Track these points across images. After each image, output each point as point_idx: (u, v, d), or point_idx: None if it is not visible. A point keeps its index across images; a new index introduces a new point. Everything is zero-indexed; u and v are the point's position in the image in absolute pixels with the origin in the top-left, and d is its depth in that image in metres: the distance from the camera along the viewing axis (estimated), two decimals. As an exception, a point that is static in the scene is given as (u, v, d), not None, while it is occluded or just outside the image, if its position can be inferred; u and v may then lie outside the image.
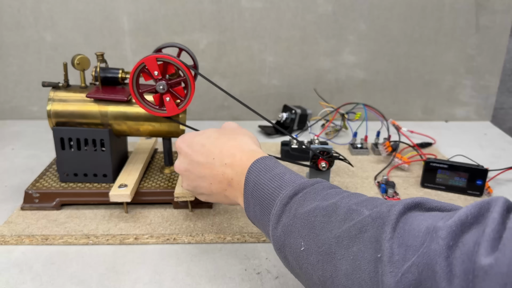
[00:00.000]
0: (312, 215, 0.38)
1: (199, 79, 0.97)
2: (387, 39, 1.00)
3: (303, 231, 0.38)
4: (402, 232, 0.31)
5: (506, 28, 1.00)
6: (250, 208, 0.45)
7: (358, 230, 0.34)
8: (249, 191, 0.45)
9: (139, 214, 0.63)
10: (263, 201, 0.43)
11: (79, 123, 0.63)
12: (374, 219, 0.33)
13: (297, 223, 0.39)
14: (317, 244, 0.36)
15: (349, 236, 0.34)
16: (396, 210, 0.33)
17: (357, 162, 0.82)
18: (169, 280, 0.51)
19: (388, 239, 0.31)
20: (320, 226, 0.37)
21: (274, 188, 0.43)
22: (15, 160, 0.81)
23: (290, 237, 0.39)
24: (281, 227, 0.40)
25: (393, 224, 0.32)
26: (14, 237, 0.57)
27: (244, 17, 0.96)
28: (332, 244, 0.35)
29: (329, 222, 0.36)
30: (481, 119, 1.10)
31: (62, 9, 0.93)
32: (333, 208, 0.37)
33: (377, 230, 0.32)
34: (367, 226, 0.33)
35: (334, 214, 0.37)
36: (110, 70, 0.64)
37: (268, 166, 0.45)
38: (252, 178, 0.45)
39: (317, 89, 1.03)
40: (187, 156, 0.51)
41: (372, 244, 0.32)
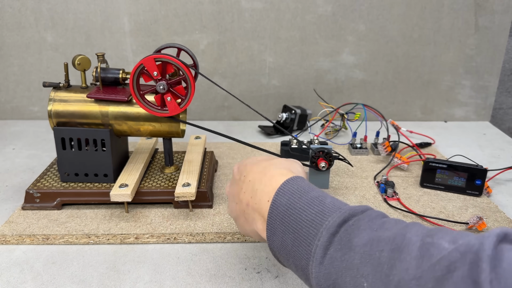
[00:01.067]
0: (376, 249, 0.31)
1: (199, 80, 0.97)
2: (386, 39, 1.00)
3: (363, 267, 0.31)
4: (502, 271, 0.26)
5: (505, 28, 1.01)
6: (276, 236, 0.38)
7: (446, 269, 0.27)
8: (277, 216, 0.38)
9: (140, 213, 0.63)
10: (300, 229, 0.36)
11: (79, 123, 0.64)
12: (463, 254, 0.27)
13: (354, 258, 0.32)
14: (387, 287, 0.30)
15: (435, 277, 0.28)
16: (490, 242, 0.27)
17: (357, 162, 0.82)
18: (169, 279, 0.51)
19: (489, 280, 0.25)
20: (389, 263, 0.30)
21: (315, 214, 0.36)
22: (16, 160, 0.82)
23: (345, 274, 0.32)
24: (330, 262, 0.33)
25: (491, 260, 0.26)
26: (15, 237, 0.57)
27: (244, 17, 0.96)
28: (411, 287, 0.28)
29: (400, 258, 0.30)
30: (480, 119, 1.10)
31: (63, 10, 0.93)
32: (402, 240, 0.31)
33: (471, 269, 0.26)
34: (456, 263, 0.27)
35: (406, 249, 0.30)
36: (111, 71, 0.64)
37: (301, 188, 0.38)
38: (283, 200, 0.38)
39: (317, 89, 1.03)
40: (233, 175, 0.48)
41: (467, 285, 0.26)
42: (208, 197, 0.65)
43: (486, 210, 0.66)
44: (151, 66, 0.57)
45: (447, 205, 0.67)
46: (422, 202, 0.68)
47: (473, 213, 0.65)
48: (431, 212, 0.65)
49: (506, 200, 0.71)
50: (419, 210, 0.66)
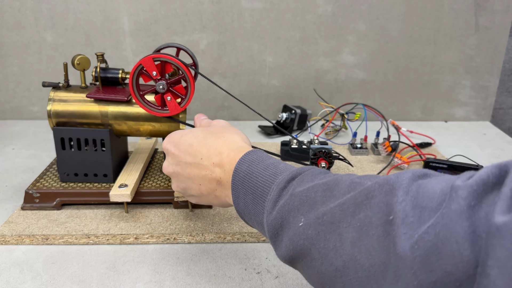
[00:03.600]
0: (312, 191, 0.36)
1: (199, 80, 0.97)
2: (386, 39, 1.00)
3: (302, 207, 0.36)
4: (415, 194, 0.29)
5: (505, 28, 1.01)
6: (240, 199, 0.43)
7: (365, 196, 0.32)
8: (239, 182, 0.43)
9: (139, 214, 0.63)
10: (256, 189, 0.41)
11: (79, 123, 0.64)
12: (382, 185, 0.32)
13: (295, 201, 0.37)
14: (317, 216, 0.34)
15: (355, 203, 0.32)
16: (405, 176, 0.31)
17: (357, 162, 0.82)
18: (169, 280, 0.51)
19: (400, 201, 0.29)
20: (321, 200, 0.35)
21: (269, 175, 0.41)
22: (15, 160, 0.81)
23: (288, 216, 0.37)
24: (277, 209, 0.38)
25: (405, 188, 0.30)
26: (15, 237, 0.57)
27: (244, 17, 0.96)
28: (336, 213, 0.33)
29: (331, 195, 0.35)
30: (480, 119, 1.10)
31: (63, 10, 0.93)
32: (334, 182, 0.36)
33: (386, 195, 0.31)
34: (374, 191, 0.31)
35: (336, 187, 0.35)
36: (111, 70, 0.64)
37: (260, 157, 0.44)
38: (243, 168, 0.43)
39: (317, 89, 1.03)
40: (174, 157, 0.49)
41: (381, 209, 0.30)
42: (208, 197, 0.65)
43: (487, 210, 0.66)
44: (150, 66, 0.57)
45: (448, 205, 0.67)
46: (422, 202, 0.68)
47: (473, 213, 0.65)
48: (431, 212, 0.65)
49: (506, 200, 0.70)
50: (419, 210, 0.65)
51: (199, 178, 0.47)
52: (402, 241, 0.28)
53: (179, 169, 0.49)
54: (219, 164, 0.46)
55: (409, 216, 0.28)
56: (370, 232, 0.30)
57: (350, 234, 0.32)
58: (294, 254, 0.36)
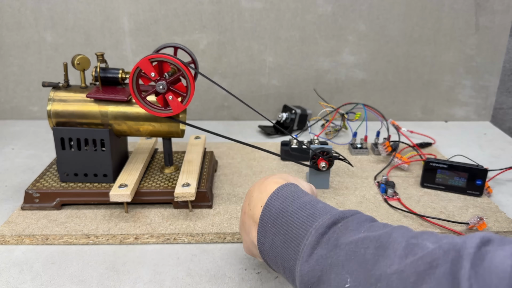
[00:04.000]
0: (362, 247, 0.32)
1: (199, 79, 0.97)
2: (386, 39, 1.00)
3: (349, 265, 0.32)
4: (483, 270, 0.26)
5: (505, 28, 1.01)
6: (266, 238, 0.38)
7: (428, 264, 0.28)
8: (269, 219, 0.38)
9: (139, 214, 0.63)
10: (290, 230, 0.36)
11: (79, 123, 0.63)
12: (446, 251, 0.28)
13: (340, 255, 0.32)
14: (368, 280, 0.30)
15: (417, 272, 0.28)
16: (473, 242, 0.28)
17: (357, 162, 0.82)
18: (169, 280, 0.51)
19: (467, 277, 0.26)
20: (373, 259, 0.31)
21: (306, 216, 0.37)
22: (15, 160, 0.81)
23: (330, 272, 0.32)
24: (316, 260, 0.33)
25: (472, 259, 0.27)
26: (15, 237, 0.57)
27: (244, 17, 0.96)
28: (393, 281, 0.29)
29: (384, 255, 0.30)
30: (480, 119, 1.10)
31: (63, 10, 0.93)
32: (387, 239, 0.31)
33: (452, 265, 0.27)
34: (439, 260, 0.28)
35: (391, 247, 0.31)
36: (110, 70, 0.64)
37: (295, 194, 0.39)
38: (276, 204, 0.39)
39: (317, 89, 1.03)
40: None
41: (447, 281, 0.27)
42: (208, 197, 0.65)
43: (487, 210, 0.66)
44: (148, 68, 0.57)
45: (448, 205, 0.67)
46: (423, 202, 0.68)
47: (473, 213, 0.65)
48: (431, 212, 0.65)
49: (506, 200, 0.70)
50: (419, 210, 0.65)
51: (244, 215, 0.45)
52: None
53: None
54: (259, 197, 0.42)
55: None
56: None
57: None
58: None
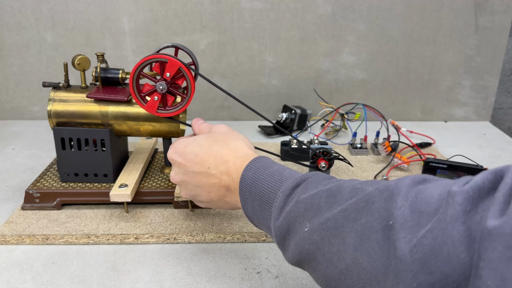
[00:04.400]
0: (316, 197, 0.38)
1: (199, 80, 0.97)
2: (386, 39, 1.00)
3: (307, 213, 0.37)
4: (414, 199, 0.31)
5: (505, 28, 1.01)
6: (248, 205, 0.45)
7: (366, 202, 0.33)
8: (246, 188, 0.44)
9: (140, 213, 0.63)
10: (263, 196, 0.43)
11: (79, 123, 0.64)
12: (382, 191, 0.33)
13: (300, 207, 0.38)
14: (321, 222, 0.36)
15: (357, 209, 0.34)
16: (405, 182, 0.32)
17: (357, 162, 0.82)
18: (169, 280, 0.51)
19: (399, 207, 0.31)
20: (325, 206, 0.36)
21: (274, 182, 0.43)
22: (16, 160, 0.81)
23: (294, 222, 0.38)
24: (284, 215, 0.39)
25: (404, 194, 0.31)
26: (15, 237, 0.57)
27: (244, 17, 0.96)
28: (339, 218, 0.34)
29: (334, 201, 0.36)
30: (480, 119, 1.10)
31: (63, 10, 0.93)
32: (337, 189, 0.37)
33: (386, 201, 0.32)
34: (375, 197, 0.33)
35: (339, 194, 0.36)
36: (111, 71, 0.64)
37: (265, 164, 0.45)
38: (249, 175, 0.44)
39: (317, 90, 1.03)
40: (181, 166, 0.51)
41: (381, 214, 0.32)
42: (208, 197, 0.65)
43: (486, 210, 0.66)
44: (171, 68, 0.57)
45: (447, 205, 0.67)
46: (422, 202, 0.68)
47: (473, 213, 0.65)
48: (431, 212, 0.65)
49: (506, 200, 0.70)
50: (419, 210, 0.65)
51: (208, 186, 0.49)
52: (401, 244, 0.29)
53: (187, 178, 0.50)
54: (226, 172, 0.47)
55: (408, 221, 0.30)
56: (371, 237, 0.32)
57: (352, 238, 0.33)
58: (301, 258, 0.38)
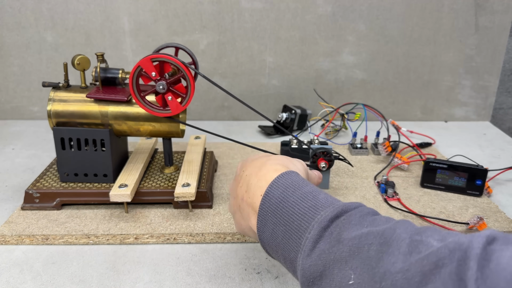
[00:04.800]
0: (365, 242, 0.31)
1: (199, 80, 0.97)
2: (386, 39, 1.00)
3: (352, 261, 0.31)
4: (489, 271, 0.26)
5: (505, 28, 1.01)
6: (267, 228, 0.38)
7: (434, 264, 0.28)
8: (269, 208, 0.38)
9: (139, 214, 0.63)
10: (291, 222, 0.36)
11: (79, 123, 0.64)
12: (452, 251, 0.28)
13: (343, 250, 0.32)
14: (372, 278, 0.30)
15: (422, 272, 0.28)
16: (479, 242, 0.27)
17: (357, 162, 0.82)
18: (169, 280, 0.51)
19: (474, 279, 0.25)
20: (377, 256, 0.30)
21: (308, 208, 0.36)
22: (15, 160, 0.81)
23: (333, 267, 0.32)
24: (318, 254, 0.33)
25: (479, 259, 0.26)
26: (15, 237, 0.57)
27: (244, 17, 0.96)
28: (398, 280, 0.28)
29: (389, 252, 0.30)
30: (480, 119, 1.10)
31: (63, 10, 0.93)
32: (391, 235, 0.31)
33: (458, 265, 0.27)
34: (445, 259, 0.27)
35: (395, 243, 0.30)
36: (111, 71, 0.64)
37: (296, 183, 0.39)
38: (276, 193, 0.38)
39: (317, 89, 1.03)
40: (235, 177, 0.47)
41: (453, 282, 0.26)
42: (208, 197, 0.65)
43: (487, 210, 0.66)
44: (149, 67, 0.57)
45: (448, 205, 0.67)
46: (423, 202, 0.68)
47: (473, 213, 0.65)
48: (431, 212, 0.65)
49: (506, 200, 0.70)
50: (419, 210, 0.65)
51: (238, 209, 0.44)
52: None
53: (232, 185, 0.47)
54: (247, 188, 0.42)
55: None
56: None
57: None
58: None
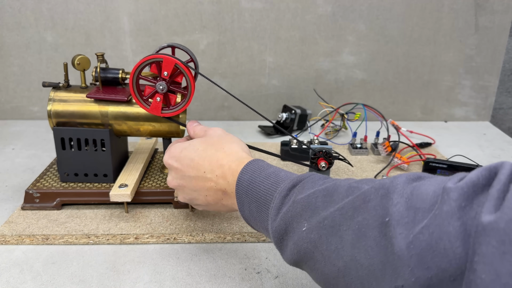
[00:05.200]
0: (313, 197, 0.38)
1: (199, 80, 0.97)
2: (386, 39, 1.00)
3: (304, 213, 0.38)
4: (409, 196, 0.31)
5: (505, 28, 1.01)
6: (245, 207, 0.45)
7: (362, 200, 0.34)
8: (242, 191, 0.45)
9: (140, 213, 0.63)
10: (260, 197, 0.43)
11: (79, 123, 0.64)
12: (377, 189, 0.33)
13: (297, 207, 0.39)
14: (318, 220, 0.36)
15: (353, 207, 0.34)
16: (400, 179, 0.33)
17: (357, 162, 0.82)
18: (169, 280, 0.51)
19: (395, 204, 0.31)
20: (322, 205, 0.37)
21: (271, 184, 0.43)
22: (15, 160, 0.81)
23: (292, 222, 0.39)
24: (281, 216, 0.40)
25: (399, 191, 0.32)
26: (15, 237, 0.57)
27: (244, 17, 0.96)
28: (336, 216, 0.35)
29: (331, 200, 0.37)
30: (480, 119, 1.10)
31: (63, 10, 0.93)
32: (333, 188, 0.38)
33: (381, 198, 0.32)
34: (371, 195, 0.33)
35: (335, 192, 0.37)
36: (111, 71, 0.64)
37: (261, 167, 0.46)
38: (246, 178, 0.45)
39: (317, 90, 1.03)
40: (178, 171, 0.51)
41: (377, 211, 0.32)
42: (208, 197, 0.65)
43: (486, 210, 0.66)
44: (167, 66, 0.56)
45: (447, 205, 0.67)
46: (422, 202, 0.68)
47: (473, 213, 0.65)
48: (431, 212, 0.65)
49: (506, 200, 0.70)
50: (419, 210, 0.65)
51: (205, 190, 0.49)
52: (398, 241, 0.30)
53: (184, 183, 0.51)
54: (222, 176, 0.48)
55: (404, 217, 0.30)
56: (368, 234, 0.32)
57: (349, 236, 0.34)
58: (299, 257, 0.38)
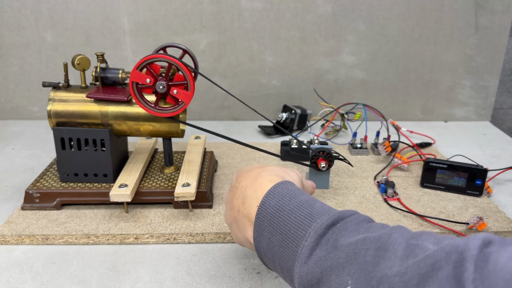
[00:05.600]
0: (362, 248, 0.32)
1: (199, 80, 0.97)
2: (386, 39, 1.00)
3: (349, 266, 0.31)
4: (487, 272, 0.26)
5: (505, 28, 1.01)
6: (263, 237, 0.38)
7: (430, 267, 0.28)
8: (265, 218, 0.38)
9: (139, 213, 0.63)
10: (287, 230, 0.36)
11: (79, 123, 0.64)
12: (448, 253, 0.28)
13: (340, 256, 0.32)
14: (371, 283, 0.30)
15: (419, 275, 0.28)
16: (475, 243, 0.27)
17: (357, 162, 0.82)
18: (169, 280, 0.51)
19: (472, 279, 0.26)
20: (373, 261, 0.31)
21: (304, 216, 0.36)
22: (15, 160, 0.81)
23: (330, 273, 0.32)
24: (315, 261, 0.33)
25: (475, 261, 0.26)
26: (15, 237, 0.57)
27: (244, 17, 0.96)
28: (395, 283, 0.28)
29: (384, 257, 0.30)
30: (480, 119, 1.10)
31: (63, 9, 0.93)
32: (387, 240, 0.31)
33: (455, 268, 0.27)
34: (441, 262, 0.28)
35: (391, 248, 0.31)
36: (111, 70, 0.64)
37: (292, 192, 0.39)
38: (272, 203, 0.38)
39: (317, 89, 1.03)
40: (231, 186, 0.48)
41: (451, 284, 0.26)
42: (208, 197, 0.65)
43: (487, 210, 0.66)
44: (140, 77, 0.57)
45: (448, 205, 0.67)
46: (422, 202, 0.68)
47: (473, 213, 0.65)
48: (431, 212, 0.65)
49: (506, 200, 0.70)
50: (419, 210, 0.65)
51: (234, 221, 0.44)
52: None
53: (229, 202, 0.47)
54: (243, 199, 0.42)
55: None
56: None
57: None
58: None
